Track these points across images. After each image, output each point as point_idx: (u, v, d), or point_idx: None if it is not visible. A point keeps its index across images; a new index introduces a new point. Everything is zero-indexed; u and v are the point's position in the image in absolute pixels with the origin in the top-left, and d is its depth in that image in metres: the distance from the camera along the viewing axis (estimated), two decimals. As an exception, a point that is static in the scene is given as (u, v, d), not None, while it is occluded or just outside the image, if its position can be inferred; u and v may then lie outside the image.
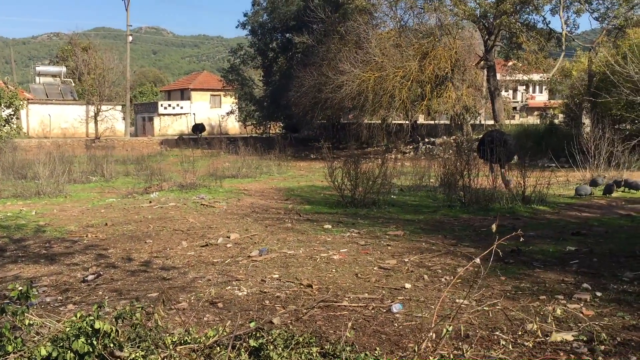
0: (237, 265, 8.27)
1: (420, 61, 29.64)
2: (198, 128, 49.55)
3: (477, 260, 4.50)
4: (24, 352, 3.80)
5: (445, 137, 32.81)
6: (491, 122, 37.46)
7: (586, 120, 28.67)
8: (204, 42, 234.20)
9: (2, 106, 37.69)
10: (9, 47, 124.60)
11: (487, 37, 35.43)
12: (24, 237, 10.77)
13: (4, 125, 37.39)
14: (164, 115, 57.77)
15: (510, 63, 42.22)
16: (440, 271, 7.74)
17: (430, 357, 4.20)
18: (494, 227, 4.18)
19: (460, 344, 4.89)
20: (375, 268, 7.98)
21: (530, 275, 7.44)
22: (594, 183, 15.81)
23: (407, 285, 7.06)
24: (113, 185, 19.70)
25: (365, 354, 4.55)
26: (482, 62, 35.66)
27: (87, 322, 3.87)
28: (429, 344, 4.25)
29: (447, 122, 36.42)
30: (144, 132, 57.93)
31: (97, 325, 3.83)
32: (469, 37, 33.95)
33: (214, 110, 60.04)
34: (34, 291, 4.33)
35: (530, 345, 4.97)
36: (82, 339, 3.82)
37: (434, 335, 4.24)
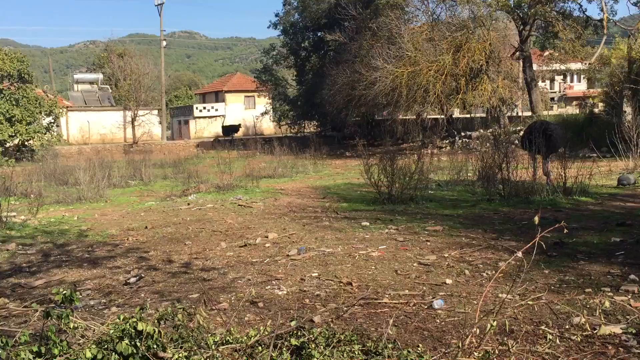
0: (276, 265, 8.28)
1: (454, 54, 29.32)
2: (231, 129, 49.74)
3: (519, 254, 4.40)
4: (70, 355, 3.84)
5: (482, 130, 32.39)
6: (529, 113, 36.88)
7: (627, 109, 27.97)
8: (237, 44, 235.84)
9: (43, 114, 38.58)
10: (47, 57, 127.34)
11: (521, 27, 34.89)
12: (67, 242, 10.96)
13: (45, 133, 38.26)
14: (199, 118, 58.34)
15: (546, 53, 41.53)
16: (481, 266, 7.63)
17: (475, 353, 4.12)
18: (536, 219, 4.08)
19: (504, 339, 4.79)
20: (414, 264, 7.91)
21: (574, 267, 7.28)
22: (620, 181, 15.09)
23: (448, 281, 6.97)
24: (152, 189, 19.94)
25: (408, 351, 4.49)
26: (517, 53, 35.13)
27: (130, 324, 3.90)
28: (473, 340, 4.17)
29: (483, 115, 35.96)
30: (180, 136, 58.62)
31: (140, 327, 3.85)
32: (503, 28, 33.44)
33: (248, 111, 60.41)
34: (77, 295, 4.38)
35: (578, 339, 4.85)
36: (126, 341, 3.85)
37: (477, 330, 4.16)
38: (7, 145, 36.18)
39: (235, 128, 50.59)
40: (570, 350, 4.68)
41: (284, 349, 4.34)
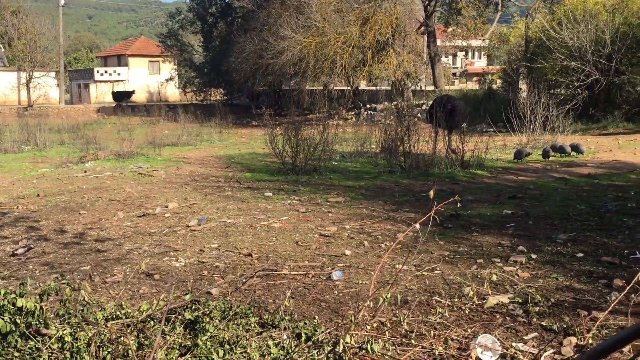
0: (175, 236, 8.09)
1: (362, 27, 29.50)
2: (123, 95, 47.71)
3: (417, 226, 4.48)
4: (-60, 334, 3.58)
5: (386, 103, 32.92)
6: (432, 88, 37.80)
7: (523, 86, 29.24)
8: (142, 6, 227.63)
9: None
10: None
11: (427, 2, 35.54)
12: (-51, 210, 10.27)
13: None
14: (100, 82, 56.07)
15: (450, 29, 42.58)
16: (380, 237, 7.75)
17: (368, 325, 4.18)
18: (431, 193, 4.14)
19: (398, 310, 4.89)
20: (315, 235, 7.94)
21: (468, 239, 7.53)
22: (518, 154, 15.72)
23: (348, 252, 7.04)
24: (46, 155, 19.01)
25: (305, 323, 4.51)
26: (422, 27, 35.80)
27: (9, 300, 3.67)
28: (366, 313, 4.22)
29: (389, 88, 36.54)
30: (80, 100, 56.11)
31: (19, 303, 3.63)
32: (409, 3, 33.90)
33: (152, 76, 58.63)
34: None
35: (467, 310, 5.02)
36: (5, 317, 3.62)
37: (371, 303, 4.22)
38: None
39: (128, 94, 48.73)
40: (461, 319, 4.83)
41: (177, 323, 4.23)
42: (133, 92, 49.41)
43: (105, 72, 57.43)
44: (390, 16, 30.24)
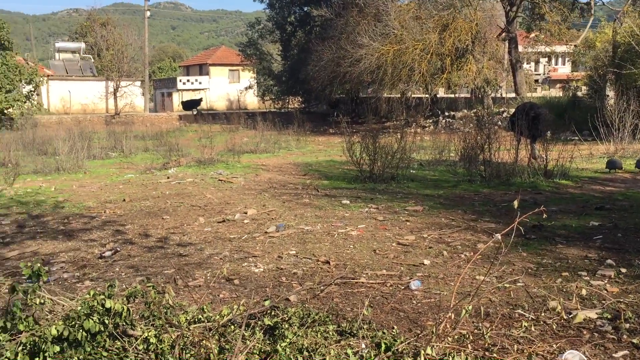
0: (254, 242, 8.20)
1: (440, 33, 29.14)
2: (191, 104, 48.47)
3: (498, 236, 4.36)
4: (36, 331, 3.75)
5: (465, 111, 32.36)
6: (513, 95, 36.92)
7: (610, 93, 28.06)
8: (223, 16, 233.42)
9: (23, 83, 37.97)
10: (29, 24, 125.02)
11: (508, 8, 34.75)
12: (42, 213, 10.79)
13: (25, 102, 37.69)
14: (182, 90, 57.74)
15: (532, 35, 41.46)
16: (460, 247, 7.60)
17: (449, 338, 4.09)
18: (515, 203, 4.02)
19: (480, 322, 4.77)
20: (393, 244, 7.87)
21: (552, 251, 7.27)
22: (612, 164, 15.08)
23: (426, 262, 6.94)
24: (132, 161, 19.72)
25: (383, 332, 4.46)
26: (503, 34, 35.02)
27: (98, 301, 3.81)
28: (447, 325, 4.13)
29: (468, 95, 35.91)
30: (163, 108, 58.00)
31: (108, 305, 3.76)
32: (490, 9, 33.28)
33: (232, 85, 59.91)
34: (49, 268, 4.28)
35: (554, 325, 4.83)
36: (94, 318, 3.76)
37: (452, 315, 4.13)
38: (-15, 113, 35.63)
39: (196, 102, 49.74)
40: (546, 334, 4.66)
41: (257, 328, 4.28)
42: (201, 99, 50.44)
43: (188, 80, 59.13)
44: (470, 22, 29.74)
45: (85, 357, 3.57)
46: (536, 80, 61.93)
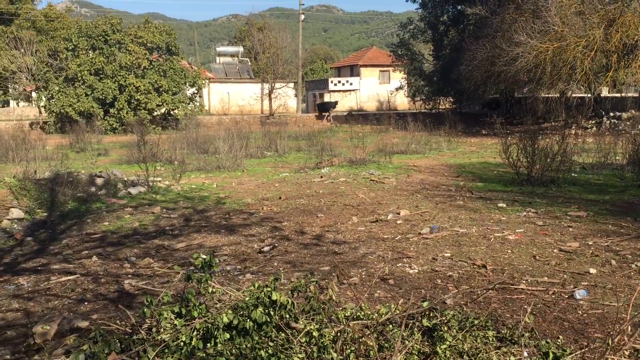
0: (408, 242, 8.17)
1: (606, 29, 27.32)
2: (327, 106, 48.70)
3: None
4: (208, 318, 3.97)
5: (633, 112, 30.13)
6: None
7: None
8: (373, 17, 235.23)
9: (187, 85, 40.63)
10: (192, 30, 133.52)
11: (685, -1, 31.88)
12: (206, 208, 11.46)
13: (189, 103, 40.31)
14: (334, 91, 58.83)
15: None
16: (630, 257, 7.08)
17: (625, 351, 3.81)
18: None
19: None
20: (555, 250, 7.49)
21: None
22: None
23: (592, 271, 6.54)
24: (286, 160, 20.39)
25: (547, 342, 4.25)
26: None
27: (264, 293, 3.96)
28: (624, 337, 3.86)
29: (636, 95, 33.40)
30: (315, 109, 59.43)
31: (274, 297, 3.91)
32: (662, 1, 30.71)
33: (382, 86, 60.15)
34: (215, 260, 4.52)
35: None
36: (260, 309, 3.92)
37: (629, 327, 3.85)
38: (155, 113, 38.50)
39: (332, 104, 50.07)
40: None
41: (415, 329, 4.25)
42: (336, 103, 50.92)
43: (339, 82, 60.15)
44: (640, 16, 27.62)
45: (253, 346, 3.73)
46: None
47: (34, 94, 44.11)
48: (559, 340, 4.39)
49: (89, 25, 39.83)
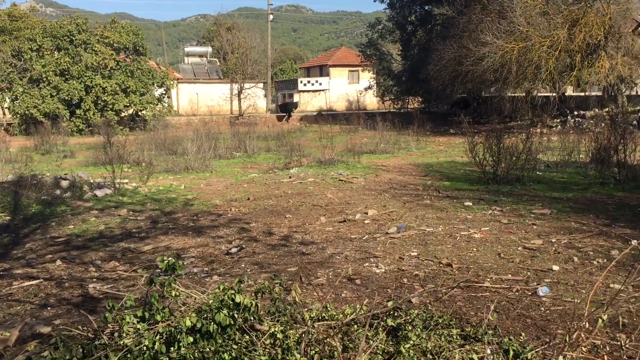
0: (375, 242, 8.21)
1: (570, 29, 27.78)
2: (287, 106, 49.27)
3: (635, 243, 4.10)
4: (171, 322, 3.94)
5: (596, 110, 30.69)
6: (649, 92, 34.58)
7: None
8: (342, 18, 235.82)
9: (155, 86, 40.23)
10: (160, 30, 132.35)
11: (645, 0, 32.56)
12: (174, 210, 11.37)
13: (157, 104, 39.91)
14: (303, 92, 58.84)
15: (672, 28, 38.57)
16: (591, 253, 7.22)
17: (583, 348, 3.88)
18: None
19: (616, 333, 4.50)
20: (519, 248, 7.60)
21: (697, 260, 6.73)
22: None
23: (555, 268, 6.65)
24: (255, 161, 20.34)
25: (509, 339, 4.31)
26: (639, 28, 32.87)
27: (228, 296, 3.95)
28: (582, 334, 3.93)
29: (599, 93, 34.02)
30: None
31: (238, 299, 3.89)
32: (624, 2, 31.28)
33: (352, 85, 60.31)
34: (181, 263, 4.49)
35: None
36: (225, 312, 3.90)
37: (587, 324, 3.92)
38: (122, 114, 38.04)
39: (293, 105, 50.41)
40: (690, 350, 4.32)
41: (380, 329, 4.27)
42: (296, 103, 51.23)
43: (308, 82, 60.15)
44: (603, 17, 28.15)
45: (217, 349, 3.71)
46: (676, 77, 57.59)
47: (-3, 96, 43.25)
48: (521, 337, 4.46)
49: (54, 25, 39.10)
